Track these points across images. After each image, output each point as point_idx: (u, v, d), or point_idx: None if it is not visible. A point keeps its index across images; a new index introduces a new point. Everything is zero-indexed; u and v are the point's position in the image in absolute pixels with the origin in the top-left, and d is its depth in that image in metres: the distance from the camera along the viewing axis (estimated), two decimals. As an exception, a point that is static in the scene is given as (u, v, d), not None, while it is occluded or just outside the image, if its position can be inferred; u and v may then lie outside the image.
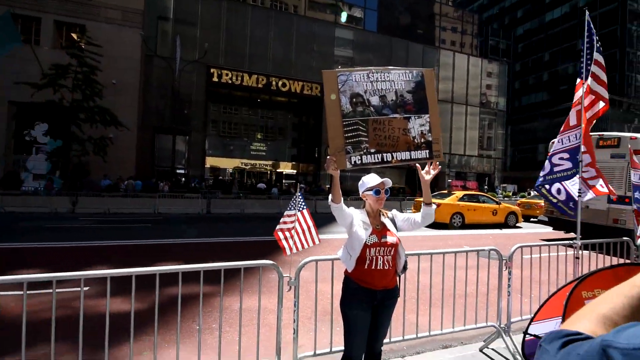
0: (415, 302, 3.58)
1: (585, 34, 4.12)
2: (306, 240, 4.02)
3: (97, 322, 2.98)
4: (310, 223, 3.21)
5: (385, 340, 2.81)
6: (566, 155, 3.83)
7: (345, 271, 2.27)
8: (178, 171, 25.13)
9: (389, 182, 2.33)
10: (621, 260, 4.57)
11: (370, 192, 2.28)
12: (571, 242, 4.03)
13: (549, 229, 14.05)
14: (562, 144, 3.88)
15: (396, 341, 3.16)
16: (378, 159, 2.23)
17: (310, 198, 19.12)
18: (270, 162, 32.25)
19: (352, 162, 2.17)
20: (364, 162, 2.20)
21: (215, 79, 25.95)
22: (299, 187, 2.94)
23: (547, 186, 3.99)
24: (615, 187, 9.25)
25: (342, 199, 2.23)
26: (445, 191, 16.49)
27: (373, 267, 2.17)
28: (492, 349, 3.52)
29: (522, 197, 25.87)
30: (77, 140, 18.16)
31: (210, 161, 29.04)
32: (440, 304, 3.51)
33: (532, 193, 29.25)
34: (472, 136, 37.34)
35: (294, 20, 28.98)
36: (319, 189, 24.48)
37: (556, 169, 3.86)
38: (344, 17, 32.63)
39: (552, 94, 53.28)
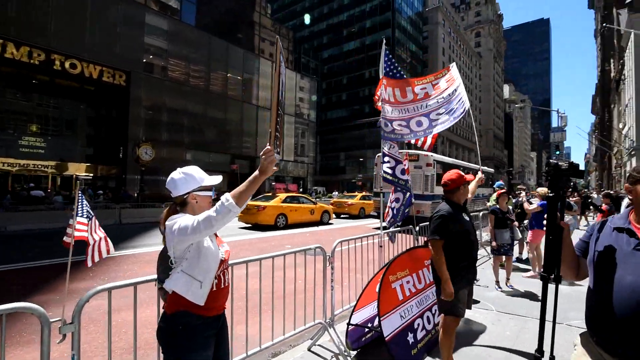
0: (244, 312, 3.21)
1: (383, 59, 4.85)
2: (101, 248, 3.01)
3: None
4: (100, 232, 2.38)
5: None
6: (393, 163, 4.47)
7: (179, 304, 1.61)
8: None
9: None
10: (411, 245, 5.59)
11: (209, 193, 1.78)
12: (377, 233, 4.60)
13: (355, 222, 17.01)
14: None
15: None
16: (277, 158, 1.88)
17: (113, 207, 15.89)
18: (52, 163, 25.13)
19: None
20: (276, 160, 1.79)
21: (-48, 40, 18.15)
22: (78, 186, 2.05)
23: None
24: (416, 188, 13.62)
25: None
26: (270, 194, 17.06)
27: (222, 286, 1.72)
28: (320, 346, 3.54)
29: (330, 197, 29.85)
30: None
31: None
32: (271, 309, 3.27)
33: (336, 194, 34.32)
34: (289, 143, 40.56)
35: (90, -10, 23.71)
36: (125, 196, 20.75)
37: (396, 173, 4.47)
38: (307, 19, 29.69)
39: (349, 112, 64.49)
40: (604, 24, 46.36)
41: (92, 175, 26.72)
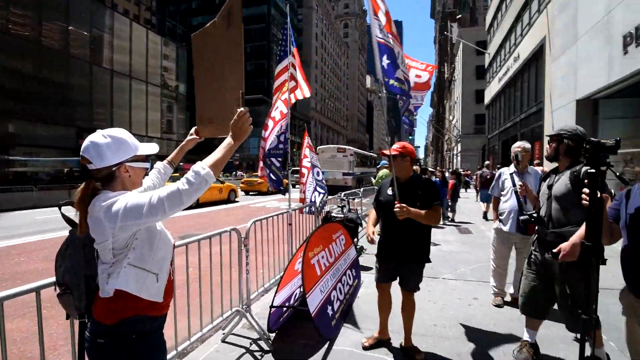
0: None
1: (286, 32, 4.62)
2: None
3: None
4: None
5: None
6: (283, 138, 4.23)
7: (126, 309, 1.21)
8: None
9: None
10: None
11: (145, 164, 1.38)
12: (286, 211, 4.49)
13: (259, 198, 18.47)
14: (281, 128, 4.23)
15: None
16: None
17: None
18: None
19: None
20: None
21: None
22: None
23: (272, 159, 4.20)
24: (344, 168, 21.01)
25: None
26: (177, 174, 15.00)
27: (172, 278, 1.42)
28: (235, 334, 3.26)
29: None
30: None
31: None
32: (186, 303, 2.82)
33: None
34: (154, 118, 35.87)
35: None
36: None
37: (280, 146, 4.16)
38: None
39: (223, 87, 60.90)
40: (444, 32, 56.11)
41: None
